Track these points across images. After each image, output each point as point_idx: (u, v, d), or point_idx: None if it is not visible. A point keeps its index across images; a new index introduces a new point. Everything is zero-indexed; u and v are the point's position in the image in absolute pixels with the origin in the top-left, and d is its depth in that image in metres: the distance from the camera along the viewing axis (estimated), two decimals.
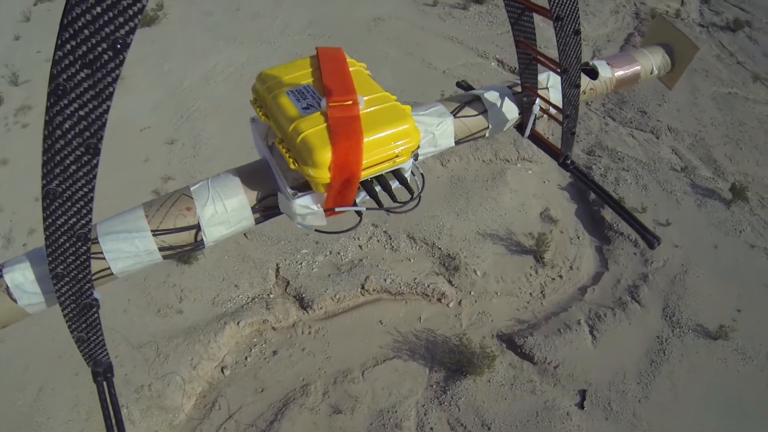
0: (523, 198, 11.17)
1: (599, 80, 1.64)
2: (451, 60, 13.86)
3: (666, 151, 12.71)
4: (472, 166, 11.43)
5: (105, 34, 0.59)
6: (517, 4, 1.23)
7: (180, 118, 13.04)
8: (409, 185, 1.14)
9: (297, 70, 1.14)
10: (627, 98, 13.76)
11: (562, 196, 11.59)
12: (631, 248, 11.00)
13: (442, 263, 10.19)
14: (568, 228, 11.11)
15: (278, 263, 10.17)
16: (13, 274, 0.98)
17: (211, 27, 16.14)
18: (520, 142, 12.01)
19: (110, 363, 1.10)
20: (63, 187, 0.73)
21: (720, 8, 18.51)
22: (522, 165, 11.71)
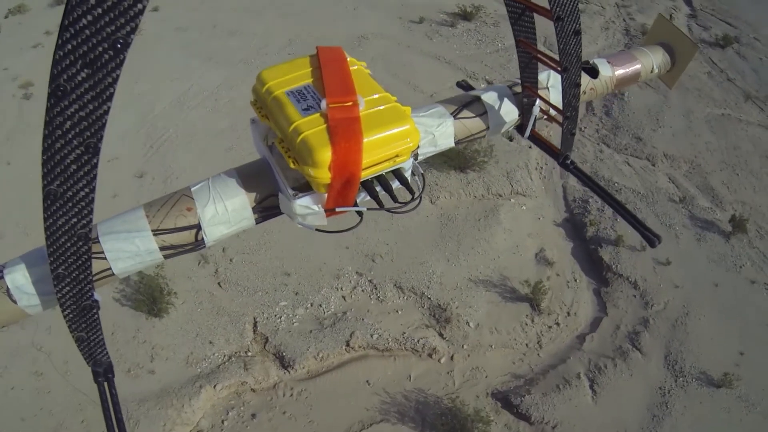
0: (518, 238, 10.08)
1: (600, 79, 1.54)
2: (438, 82, 12.62)
3: (663, 179, 11.70)
4: (462, 203, 10.29)
5: (106, 34, 0.55)
6: (517, 4, 1.17)
7: (150, 149, 11.64)
8: (409, 185, 1.07)
9: (297, 70, 1.06)
10: (621, 123, 12.70)
11: (557, 233, 10.54)
12: (630, 290, 10.01)
13: (432, 315, 9.08)
14: (564, 270, 10.07)
15: (255, 317, 8.96)
16: (14, 275, 0.93)
17: (185, 44, 14.64)
18: (513, 175, 10.90)
19: (110, 363, 1.04)
20: (64, 188, 0.69)
21: (708, 23, 17.52)
22: (516, 200, 10.60)
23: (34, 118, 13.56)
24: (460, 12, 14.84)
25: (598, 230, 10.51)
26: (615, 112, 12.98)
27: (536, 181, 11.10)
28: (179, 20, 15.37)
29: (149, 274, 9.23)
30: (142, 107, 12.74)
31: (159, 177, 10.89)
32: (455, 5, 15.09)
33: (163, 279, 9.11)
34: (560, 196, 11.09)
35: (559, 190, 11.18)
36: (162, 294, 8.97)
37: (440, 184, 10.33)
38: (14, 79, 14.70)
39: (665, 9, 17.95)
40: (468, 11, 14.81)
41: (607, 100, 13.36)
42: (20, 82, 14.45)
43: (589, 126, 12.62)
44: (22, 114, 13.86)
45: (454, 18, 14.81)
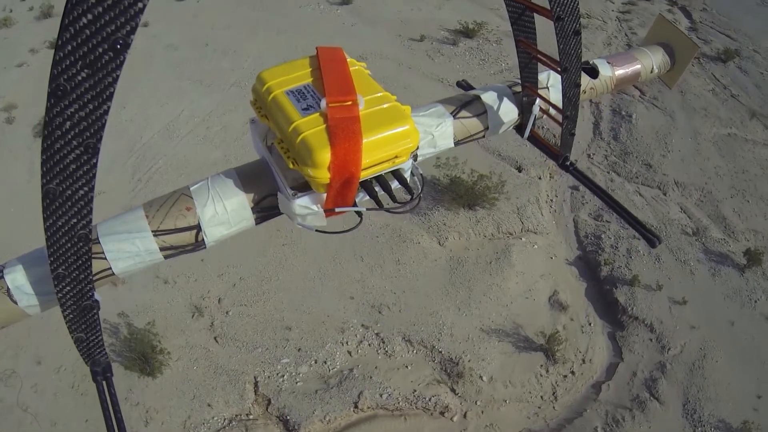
0: (530, 281, 9.25)
1: (600, 79, 1.48)
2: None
3: (675, 210, 10.92)
4: (472, 244, 9.42)
5: (105, 34, 0.53)
6: (517, 4, 1.13)
7: (138, 182, 10.57)
8: (408, 185, 1.02)
9: (297, 70, 1.02)
10: (630, 148, 11.87)
11: (570, 273, 9.73)
12: (646, 333, 9.28)
13: (443, 369, 8.26)
14: (578, 313, 9.29)
15: (256, 376, 8.07)
16: (15, 275, 0.89)
17: (175, 64, 13.44)
18: (524, 211, 10.03)
19: (109, 363, 1.01)
20: (63, 187, 0.67)
21: (708, 36, 16.67)
22: (527, 239, 9.75)
23: (17, 145, 12.36)
24: (461, 29, 13.80)
25: (612, 269, 9.72)
26: (623, 136, 12.14)
27: (547, 216, 10.25)
28: (170, 37, 14.14)
29: (139, 329, 8.30)
30: (129, 135, 11.61)
31: None
32: (456, 22, 14.03)
33: (155, 335, 8.16)
34: (572, 231, 10.27)
35: (570, 225, 10.36)
36: (154, 351, 8.03)
37: (448, 223, 9.44)
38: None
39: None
40: (470, 28, 13.77)
41: (614, 122, 12.52)
42: (4, 104, 13.20)
43: (597, 152, 11.77)
44: (4, 140, 12.65)
45: (456, 35, 13.77)
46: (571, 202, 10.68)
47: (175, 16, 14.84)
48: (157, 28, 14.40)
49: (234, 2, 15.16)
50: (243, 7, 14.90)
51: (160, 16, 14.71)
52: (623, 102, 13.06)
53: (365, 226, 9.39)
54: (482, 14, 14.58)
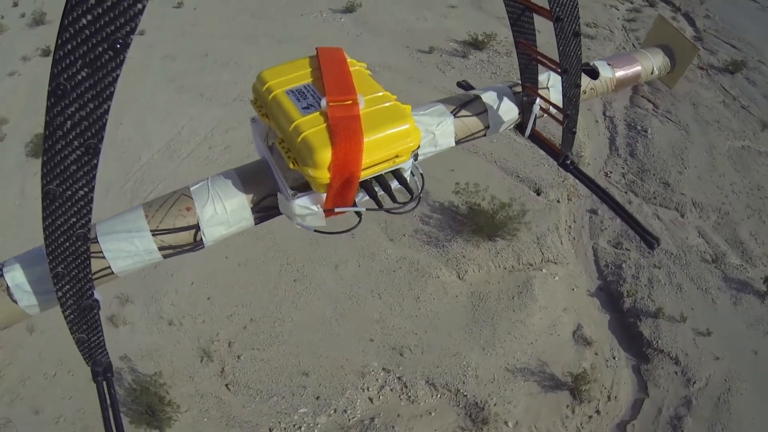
0: (554, 315, 8.59)
1: (600, 80, 1.45)
2: None
3: (693, 234, 10.30)
4: (493, 277, 8.71)
5: (105, 34, 0.51)
6: (516, 5, 1.09)
7: None
8: (408, 186, 0.99)
9: (297, 70, 0.99)
10: (647, 165, 11.19)
11: (592, 305, 9.09)
12: (671, 366, 8.69)
13: (468, 415, 7.60)
14: (603, 347, 8.66)
15: (272, 428, 7.32)
16: (14, 273, 0.85)
17: (174, 76, 12.37)
18: (544, 240, 9.32)
19: (110, 363, 0.97)
20: (63, 188, 0.65)
21: (714, 47, 15.96)
22: (548, 269, 9.06)
23: (8, 165, 11.30)
24: (471, 41, 12.88)
25: (635, 301, 9.10)
26: (640, 152, 11.45)
27: (566, 244, 9.56)
28: (167, 47, 13.02)
29: (144, 376, 7.49)
30: (127, 156, 10.62)
31: None
32: (465, 33, 13.11)
33: (162, 385, 7.36)
34: (591, 260, 9.60)
35: (590, 253, 9.68)
36: (162, 403, 7.24)
37: (468, 255, 8.69)
38: None
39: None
40: (480, 40, 12.86)
41: (630, 137, 11.82)
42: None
43: (615, 170, 11.08)
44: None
45: (465, 47, 12.86)
46: (590, 227, 10.00)
47: (171, 24, 13.70)
48: (153, 37, 13.27)
49: (233, 10, 14.05)
50: (243, 15, 13.80)
51: (157, 24, 13.56)
52: (638, 116, 12.35)
53: (381, 260, 8.62)
54: (489, 24, 13.67)
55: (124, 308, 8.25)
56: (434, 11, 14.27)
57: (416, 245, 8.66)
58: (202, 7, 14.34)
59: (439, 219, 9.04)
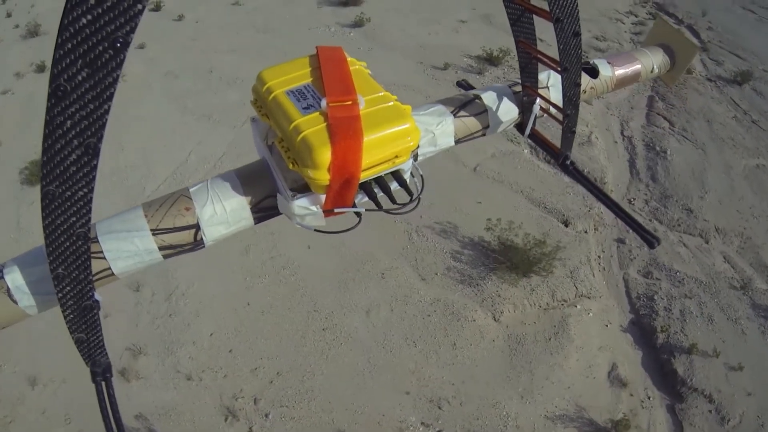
0: (589, 356, 8.04)
1: (600, 79, 1.43)
2: (478, 149, 10.13)
3: (719, 260, 9.85)
4: (528, 317, 8.09)
5: (105, 33, 0.50)
6: (516, 6, 1.09)
7: None
8: (408, 187, 0.98)
9: (297, 70, 0.97)
10: (669, 190, 10.68)
11: (625, 341, 8.56)
12: (705, 405, 8.22)
13: None
14: (637, 387, 8.15)
15: None
16: (14, 274, 0.83)
17: (178, 95, 11.35)
18: (577, 274, 8.74)
19: (109, 363, 0.95)
20: (63, 188, 0.63)
21: (719, 57, 15.55)
22: (581, 305, 8.49)
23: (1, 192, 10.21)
24: (486, 56, 12.15)
25: (668, 336, 8.60)
26: (660, 176, 10.93)
27: (598, 276, 9.00)
28: (169, 62, 11.95)
29: None
30: (130, 186, 9.64)
31: (161, 292, 8.05)
32: (479, 48, 12.36)
33: None
34: (623, 292, 9.06)
35: (621, 284, 9.14)
36: None
37: (503, 294, 8.06)
38: None
39: None
40: (494, 56, 12.14)
41: (650, 159, 11.29)
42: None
43: (638, 196, 10.54)
44: None
45: (480, 63, 12.12)
46: (619, 257, 9.45)
47: (172, 37, 12.61)
48: (153, 51, 12.20)
49: (237, 24, 13.01)
50: (247, 29, 12.78)
51: (156, 37, 12.47)
52: (656, 135, 11.83)
53: (415, 302, 7.90)
54: (500, 38, 12.93)
55: (136, 361, 7.40)
56: (445, 25, 13.47)
57: (450, 285, 7.98)
58: (204, 21, 13.26)
59: (470, 255, 8.37)
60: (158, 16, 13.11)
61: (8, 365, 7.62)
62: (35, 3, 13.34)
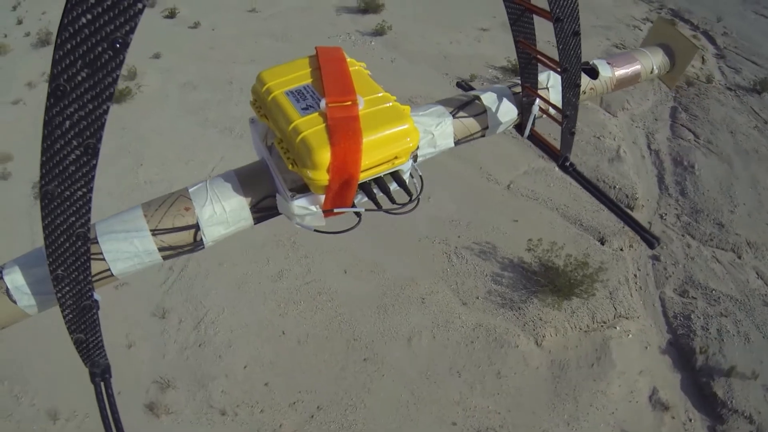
0: (631, 380, 7.75)
1: (599, 79, 1.41)
2: (510, 166, 9.76)
3: (752, 276, 9.57)
4: (570, 341, 7.78)
5: (105, 33, 0.50)
6: (516, 5, 1.07)
7: (170, 272, 8.25)
8: (407, 187, 0.95)
9: (296, 71, 0.96)
10: (699, 205, 10.38)
11: (664, 363, 8.27)
12: (746, 426, 7.96)
13: None
14: (678, 410, 7.87)
15: None
16: (14, 275, 0.83)
17: (197, 107, 10.85)
18: (616, 294, 8.43)
19: (108, 364, 0.93)
20: (62, 188, 0.63)
21: (736, 64, 15.22)
22: (621, 326, 8.19)
23: (14, 209, 9.70)
24: (510, 67, 11.75)
25: (707, 358, 8.31)
26: (690, 191, 10.62)
27: (635, 296, 8.69)
28: (186, 73, 11.42)
29: None
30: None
31: (189, 320, 7.61)
32: (503, 58, 11.95)
33: None
34: (659, 311, 8.76)
35: (657, 304, 8.83)
36: None
37: (544, 318, 7.73)
38: None
39: None
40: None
41: (678, 174, 10.97)
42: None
43: (669, 212, 10.22)
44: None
45: (506, 74, 11.71)
46: (655, 275, 9.14)
47: (188, 47, 12.07)
48: (169, 61, 11.67)
49: (254, 32, 12.48)
50: (265, 38, 12.25)
51: (172, 46, 11.93)
52: (682, 149, 11.51)
53: (457, 328, 7.53)
54: None
55: (165, 395, 6.97)
56: (467, 34, 13.02)
57: (491, 309, 7.63)
58: (220, 28, 12.71)
59: (511, 277, 8.01)
60: (173, 24, 12.56)
61: (26, 397, 7.17)
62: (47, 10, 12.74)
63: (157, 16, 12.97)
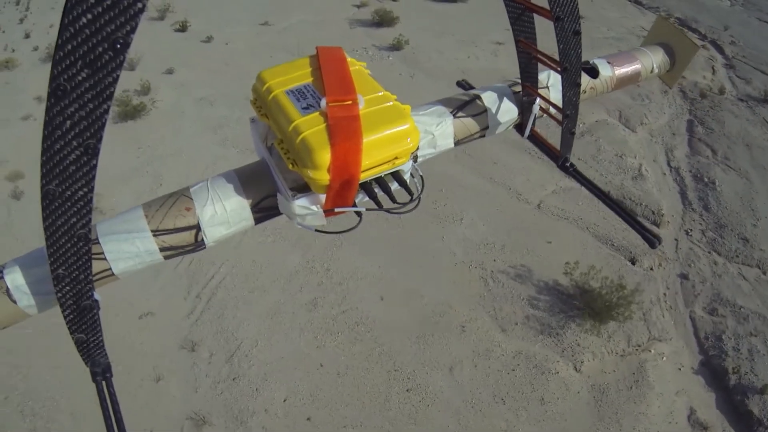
0: (669, 402, 7.89)
1: (600, 79, 1.42)
2: (537, 185, 9.89)
3: None
4: (608, 365, 7.90)
5: (105, 34, 0.51)
6: (516, 5, 1.09)
7: (197, 300, 8.19)
8: (408, 187, 0.96)
9: (297, 70, 0.97)
10: (723, 220, 10.62)
11: (699, 384, 8.43)
12: None
13: None
14: (716, 429, 8.02)
15: None
16: (14, 275, 0.84)
17: (215, 125, 10.79)
18: (649, 316, 8.59)
19: (108, 364, 0.94)
20: (62, 188, 0.64)
21: (746, 74, 15.62)
22: (655, 349, 8.34)
23: (27, 229, 9.55)
24: None
25: (740, 377, 8.51)
26: (713, 206, 10.87)
27: (667, 317, 8.86)
28: (201, 88, 11.35)
29: None
30: None
31: (220, 353, 7.54)
32: None
33: None
34: (690, 332, 8.93)
35: (688, 323, 9.01)
36: None
37: (582, 343, 7.84)
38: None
39: (704, 59, 15.91)
40: None
41: (699, 190, 11.22)
42: (7, 172, 10.28)
43: (694, 228, 10.45)
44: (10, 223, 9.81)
45: None
46: (684, 294, 9.33)
47: (201, 61, 12.00)
48: (183, 76, 11.60)
49: (268, 47, 12.46)
50: (279, 52, 12.24)
51: (185, 61, 11.87)
52: (701, 165, 11.78)
53: (497, 356, 7.61)
54: None
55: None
56: (483, 48, 13.17)
57: (530, 335, 7.72)
58: (234, 42, 12.66)
59: (547, 301, 8.12)
60: (184, 38, 12.47)
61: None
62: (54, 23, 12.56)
63: (167, 30, 12.88)
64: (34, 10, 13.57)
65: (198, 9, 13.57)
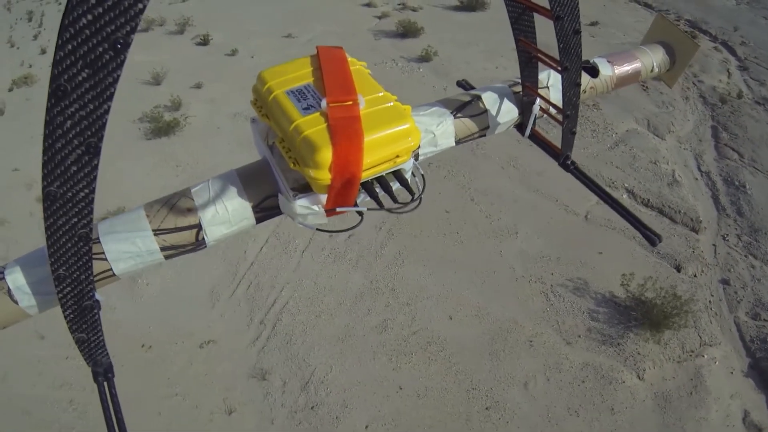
0: (725, 406, 8.59)
1: (600, 78, 1.48)
2: (581, 196, 10.51)
3: None
4: (667, 372, 8.56)
5: (106, 34, 0.52)
6: (516, 4, 1.13)
7: (261, 326, 8.53)
8: (409, 186, 1.00)
9: (297, 70, 1.02)
10: (757, 224, 11.45)
11: (750, 386, 9.17)
12: None
13: None
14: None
15: None
16: (15, 275, 0.88)
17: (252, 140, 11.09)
18: (699, 322, 9.30)
19: (110, 363, 0.99)
20: (64, 188, 0.66)
21: (760, 75, 16.67)
22: (707, 354, 9.05)
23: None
24: None
25: None
26: (746, 211, 11.70)
27: (714, 323, 9.60)
28: (233, 103, 11.62)
29: None
30: (227, 251, 9.40)
31: (294, 381, 7.89)
32: None
33: None
34: (737, 336, 9.69)
35: (734, 328, 9.75)
36: None
37: (642, 352, 8.49)
38: (29, 187, 10.49)
39: (719, 62, 16.90)
40: None
41: (731, 194, 12.05)
42: (36, 192, 10.35)
43: (729, 232, 11.25)
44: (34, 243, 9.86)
45: None
46: (727, 300, 10.10)
47: (229, 75, 12.27)
48: (212, 91, 11.86)
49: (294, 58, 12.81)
50: None
51: (212, 76, 12.13)
52: (730, 169, 12.63)
53: (566, 369, 8.19)
54: None
55: None
56: (508, 57, 13.78)
57: (593, 347, 8.33)
58: (259, 55, 12.95)
59: (606, 313, 8.75)
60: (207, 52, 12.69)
61: None
62: None
63: (188, 44, 13.08)
64: (47, 26, 13.57)
65: (216, 22, 13.78)
